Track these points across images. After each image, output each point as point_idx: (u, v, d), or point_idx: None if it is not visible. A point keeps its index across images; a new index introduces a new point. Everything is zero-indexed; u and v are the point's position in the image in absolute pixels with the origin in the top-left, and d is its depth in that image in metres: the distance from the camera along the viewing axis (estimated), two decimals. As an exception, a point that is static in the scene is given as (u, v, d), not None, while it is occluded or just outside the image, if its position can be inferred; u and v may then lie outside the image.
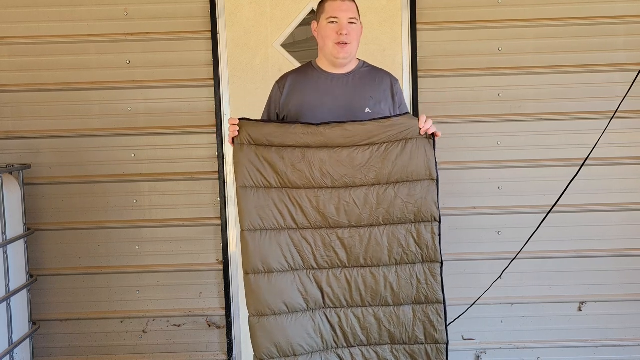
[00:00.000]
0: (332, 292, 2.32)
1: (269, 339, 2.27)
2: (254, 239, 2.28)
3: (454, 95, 3.38)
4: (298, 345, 2.29)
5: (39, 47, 3.36)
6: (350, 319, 2.33)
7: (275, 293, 2.28)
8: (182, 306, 3.46)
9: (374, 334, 2.33)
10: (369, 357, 2.34)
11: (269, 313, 2.28)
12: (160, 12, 3.36)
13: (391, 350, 2.34)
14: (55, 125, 3.39)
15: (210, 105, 3.38)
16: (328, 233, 2.30)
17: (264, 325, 2.28)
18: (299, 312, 2.31)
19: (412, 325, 2.33)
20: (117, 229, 3.42)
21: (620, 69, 3.35)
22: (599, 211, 3.40)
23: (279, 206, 2.30)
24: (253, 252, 2.28)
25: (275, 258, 2.29)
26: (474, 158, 3.40)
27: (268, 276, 2.28)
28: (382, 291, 2.31)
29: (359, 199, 2.29)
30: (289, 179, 2.29)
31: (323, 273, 2.32)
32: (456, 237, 3.39)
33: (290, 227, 2.31)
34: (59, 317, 3.45)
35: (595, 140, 3.03)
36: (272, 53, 3.37)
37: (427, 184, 2.29)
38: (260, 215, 2.29)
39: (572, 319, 3.46)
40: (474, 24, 3.36)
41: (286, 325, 2.29)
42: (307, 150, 2.28)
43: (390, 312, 2.33)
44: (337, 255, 2.31)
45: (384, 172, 2.29)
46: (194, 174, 3.41)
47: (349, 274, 2.32)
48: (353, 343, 2.34)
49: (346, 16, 2.37)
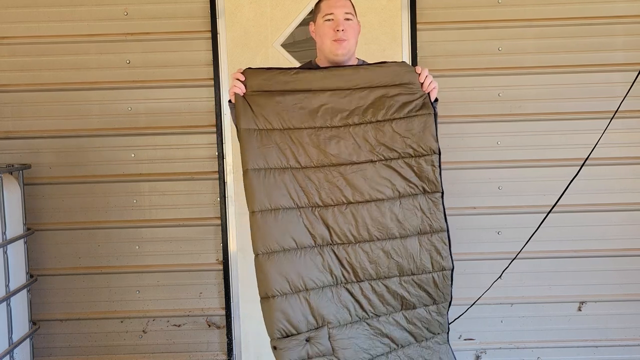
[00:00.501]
0: (339, 228, 2.32)
1: (280, 273, 2.24)
2: (258, 177, 2.27)
3: (454, 95, 3.39)
4: (309, 280, 2.27)
5: (39, 47, 3.36)
6: (358, 253, 2.33)
7: (283, 229, 2.27)
8: (182, 306, 3.46)
9: (382, 267, 2.34)
10: (379, 290, 2.34)
11: (278, 249, 2.25)
12: (160, 12, 3.36)
13: (400, 282, 2.35)
14: (55, 125, 3.39)
15: (210, 105, 3.39)
16: (331, 170, 2.31)
17: (274, 261, 2.24)
18: (308, 247, 2.30)
19: (420, 255, 2.35)
20: (117, 229, 3.42)
21: (620, 69, 3.35)
22: (599, 211, 3.41)
23: (281, 147, 2.31)
24: (258, 189, 2.27)
25: (281, 195, 2.29)
26: (474, 158, 3.40)
27: (274, 213, 2.27)
28: (389, 223, 2.33)
29: (358, 137, 2.32)
30: (290, 121, 2.31)
31: (328, 210, 2.32)
32: (456, 237, 3.35)
33: (293, 167, 2.32)
34: (58, 317, 3.45)
35: (595, 140, 3.03)
36: (272, 53, 3.37)
37: (425, 118, 2.33)
38: (264, 155, 2.29)
39: (572, 319, 3.46)
40: (474, 24, 3.36)
41: (296, 260, 2.27)
42: (307, 93, 2.32)
43: (397, 244, 2.34)
44: (342, 191, 2.32)
45: (381, 110, 2.33)
46: (194, 174, 3.42)
47: (354, 210, 2.32)
48: (362, 277, 2.34)
49: (341, 12, 2.39)
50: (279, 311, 2.22)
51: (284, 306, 2.23)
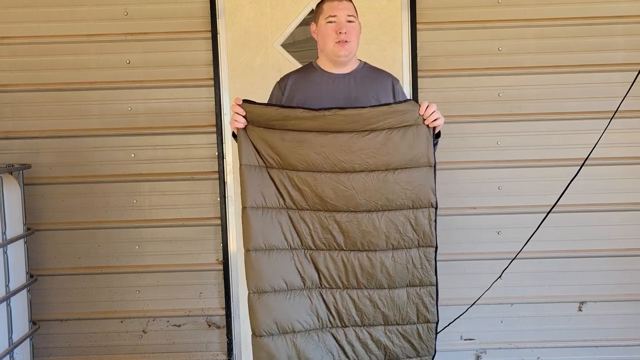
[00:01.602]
0: (329, 273, 2.34)
1: (269, 315, 2.28)
2: (255, 216, 2.29)
3: (454, 95, 3.39)
4: (297, 322, 2.30)
5: (39, 47, 3.36)
6: (345, 300, 2.34)
7: (275, 270, 2.29)
8: (182, 306, 3.46)
9: (368, 316, 2.35)
10: (363, 337, 2.36)
11: (269, 290, 2.28)
12: (160, 12, 3.36)
13: (384, 331, 2.37)
14: (55, 125, 3.39)
15: (210, 105, 3.38)
16: (326, 216, 2.31)
17: (264, 302, 2.28)
18: (297, 290, 2.33)
19: (406, 306, 2.35)
20: (117, 229, 3.42)
21: (620, 69, 3.35)
22: (599, 211, 3.40)
23: (279, 186, 2.32)
24: (255, 229, 2.28)
25: (276, 236, 2.30)
26: (474, 158, 3.40)
27: (269, 253, 2.29)
28: (378, 275, 2.33)
29: (357, 184, 2.29)
30: (289, 162, 2.29)
31: (320, 254, 2.34)
32: (456, 237, 3.39)
33: (290, 207, 2.33)
34: (59, 317, 3.45)
35: (595, 140, 3.02)
36: (272, 53, 3.37)
37: (425, 170, 2.30)
38: (262, 193, 2.30)
39: (572, 319, 3.46)
40: (474, 24, 3.36)
41: (285, 302, 2.30)
42: (307, 134, 2.28)
43: (385, 294, 2.34)
44: (335, 238, 2.32)
45: (383, 158, 2.28)
46: (194, 174, 3.42)
47: (345, 257, 2.33)
48: (347, 323, 2.36)
49: (344, 14, 2.39)
50: (264, 352, 2.27)
51: (270, 347, 2.27)
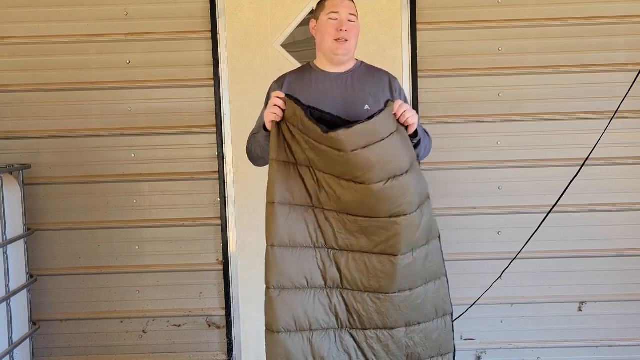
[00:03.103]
0: (350, 275, 2.30)
1: (288, 311, 2.25)
2: (283, 212, 2.25)
3: (454, 95, 3.38)
4: (315, 320, 2.28)
5: (39, 47, 3.36)
6: (366, 302, 2.30)
7: (298, 267, 2.27)
8: (182, 306, 3.46)
9: (390, 319, 2.31)
10: (384, 340, 2.32)
11: (290, 286, 2.26)
12: (160, 12, 3.36)
13: (406, 332, 2.33)
14: (55, 125, 3.39)
15: (210, 105, 3.38)
16: (350, 220, 2.28)
17: (284, 298, 2.25)
18: (318, 288, 2.30)
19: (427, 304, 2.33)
20: (117, 229, 3.42)
21: (621, 69, 3.35)
22: (599, 211, 3.40)
23: (307, 184, 2.29)
24: (281, 225, 2.25)
25: (300, 233, 2.28)
26: (474, 158, 3.40)
27: (292, 250, 2.27)
28: (400, 279, 2.28)
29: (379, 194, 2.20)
30: (315, 163, 2.27)
31: (343, 254, 2.31)
32: (456, 237, 3.39)
33: (316, 206, 2.30)
34: (59, 317, 3.45)
35: (595, 140, 3.03)
36: (272, 53, 3.37)
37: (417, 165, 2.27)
38: (291, 190, 2.28)
39: (572, 319, 3.46)
40: (474, 24, 3.36)
41: (305, 299, 2.27)
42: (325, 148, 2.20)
43: (406, 296, 2.30)
44: (358, 241, 2.29)
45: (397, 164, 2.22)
46: (194, 174, 3.42)
47: (368, 260, 2.29)
48: (368, 326, 2.32)
49: (346, 12, 2.38)
50: (280, 347, 2.24)
51: (286, 343, 2.25)
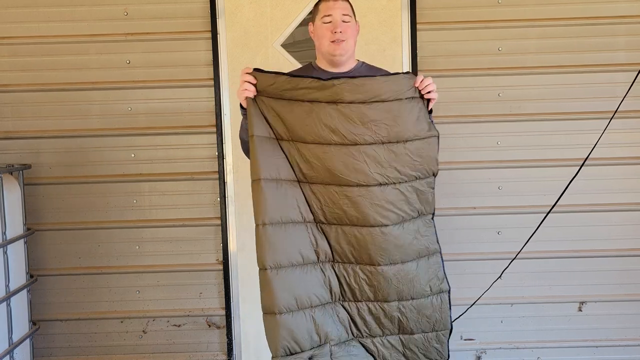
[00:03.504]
0: (340, 248, 2.29)
1: (289, 291, 2.19)
2: (270, 188, 2.20)
3: (454, 95, 3.38)
4: (314, 296, 2.25)
5: (39, 47, 3.36)
6: (358, 275, 2.30)
7: (292, 243, 2.23)
8: (182, 306, 3.46)
9: (382, 291, 2.30)
10: (376, 312, 2.32)
11: (286, 264, 2.21)
12: (160, 12, 3.36)
13: (398, 307, 2.32)
14: (55, 125, 3.39)
15: (210, 105, 3.38)
16: (337, 190, 2.24)
17: (282, 278, 2.19)
18: (312, 263, 2.27)
19: (419, 278, 2.31)
20: (117, 229, 3.42)
21: (621, 69, 3.35)
22: (599, 211, 3.40)
23: (290, 159, 2.25)
24: (270, 202, 2.20)
25: (291, 209, 2.24)
26: (474, 158, 3.40)
27: (285, 226, 2.22)
28: (391, 250, 2.27)
29: (368, 157, 2.22)
30: (298, 133, 2.22)
31: (332, 228, 2.28)
32: (456, 237, 3.39)
33: (301, 180, 2.27)
34: (59, 317, 3.45)
35: (595, 140, 3.02)
36: (272, 53, 3.37)
37: (433, 140, 2.27)
38: (276, 165, 2.23)
39: (572, 319, 3.46)
40: (474, 24, 3.36)
41: (303, 276, 2.24)
42: (316, 104, 2.20)
43: (398, 269, 2.29)
44: (346, 213, 2.25)
45: (395, 129, 2.22)
46: (194, 174, 3.42)
47: (358, 232, 2.26)
48: (360, 298, 2.31)
49: (339, 13, 2.38)
50: (284, 328, 2.18)
51: (290, 323, 2.18)
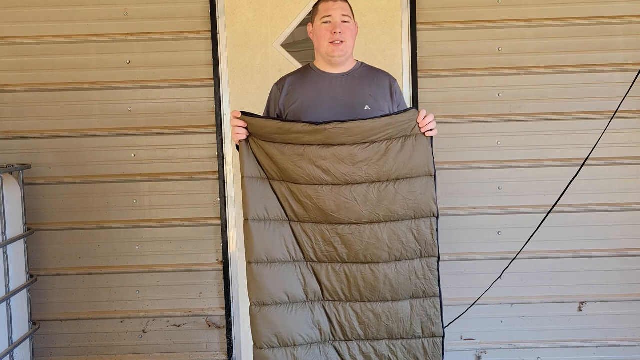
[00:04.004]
0: (331, 286, 2.32)
1: (270, 328, 2.28)
2: (258, 228, 2.28)
3: (454, 95, 3.39)
4: (298, 336, 2.30)
5: (39, 47, 3.36)
6: (348, 313, 2.33)
7: (277, 282, 2.29)
8: (182, 306, 3.46)
9: (372, 329, 2.34)
10: (367, 351, 2.35)
11: (270, 303, 2.28)
12: (160, 12, 3.36)
13: (388, 345, 2.35)
14: (55, 125, 3.39)
15: (210, 105, 3.38)
16: (328, 229, 2.30)
17: (265, 315, 2.28)
18: (299, 302, 2.32)
19: (410, 319, 2.34)
20: (117, 229, 3.42)
21: (621, 69, 3.35)
22: (599, 211, 3.40)
23: (280, 199, 2.31)
24: (257, 241, 2.28)
25: (278, 248, 2.30)
26: (474, 158, 3.40)
27: (270, 266, 2.29)
28: (382, 287, 2.31)
29: (359, 196, 2.28)
30: (290, 175, 2.29)
31: (322, 267, 2.33)
32: (456, 237, 3.39)
33: (292, 219, 2.32)
34: (59, 317, 3.45)
35: (595, 140, 3.03)
36: (272, 53, 3.37)
37: (426, 180, 2.30)
38: (265, 206, 2.30)
39: (572, 319, 3.46)
40: (474, 24, 3.36)
41: (287, 315, 2.29)
42: (307, 147, 2.28)
43: (388, 307, 2.33)
44: (337, 250, 2.31)
45: (385, 169, 2.29)
46: (194, 174, 3.42)
47: (348, 270, 2.32)
48: (350, 337, 2.34)
49: (339, 14, 2.39)
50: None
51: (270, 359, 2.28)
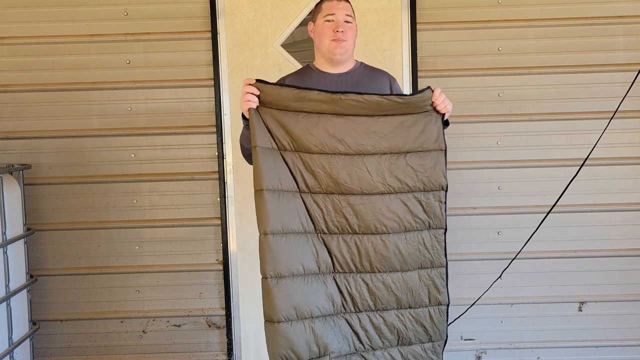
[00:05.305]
0: (342, 257, 2.32)
1: (287, 300, 2.21)
2: (272, 199, 2.23)
3: (454, 95, 3.37)
4: (315, 307, 2.26)
5: (40, 47, 3.37)
6: (359, 284, 2.33)
7: (293, 254, 2.25)
8: (182, 306, 3.46)
9: (381, 299, 2.34)
10: (377, 322, 2.35)
11: (287, 274, 2.23)
12: (160, 12, 3.36)
13: (397, 315, 2.36)
14: (55, 125, 3.39)
15: (210, 105, 3.39)
16: (339, 199, 2.30)
17: (282, 287, 2.21)
18: (313, 274, 2.29)
19: (418, 289, 2.36)
20: (117, 229, 3.42)
21: (621, 69, 3.35)
22: (599, 211, 3.41)
23: (292, 169, 2.29)
24: (272, 212, 2.23)
25: (292, 219, 2.27)
26: (474, 158, 3.40)
27: (286, 237, 2.25)
28: (392, 258, 2.32)
29: (371, 166, 2.29)
30: (303, 144, 2.27)
31: (333, 238, 2.32)
32: (456, 237, 3.39)
33: (302, 191, 2.31)
34: (59, 317, 3.45)
35: (595, 140, 3.03)
36: (272, 53, 3.37)
37: (437, 154, 2.33)
38: (279, 176, 2.26)
39: (572, 319, 3.46)
40: (474, 24, 3.36)
41: (303, 287, 2.25)
42: (322, 116, 2.27)
43: (398, 277, 2.34)
44: (348, 221, 2.31)
45: (397, 142, 2.30)
46: (194, 174, 3.42)
47: (359, 240, 2.32)
48: (361, 308, 2.34)
49: (342, 13, 2.40)
50: (282, 338, 2.20)
51: (288, 333, 2.20)
